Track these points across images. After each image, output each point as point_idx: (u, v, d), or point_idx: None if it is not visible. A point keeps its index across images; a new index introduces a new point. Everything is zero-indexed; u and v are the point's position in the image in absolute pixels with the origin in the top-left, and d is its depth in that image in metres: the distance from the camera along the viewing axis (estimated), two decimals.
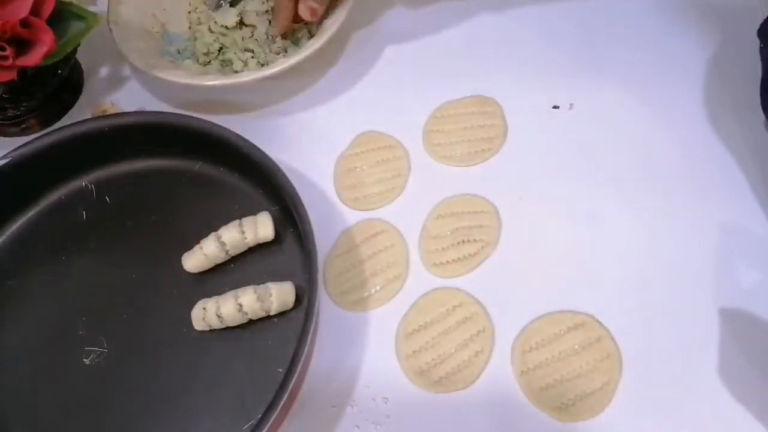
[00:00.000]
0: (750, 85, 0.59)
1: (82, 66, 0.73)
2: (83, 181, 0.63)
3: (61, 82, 0.68)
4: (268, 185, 0.58)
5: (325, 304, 0.56)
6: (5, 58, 0.56)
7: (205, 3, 0.73)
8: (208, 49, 0.69)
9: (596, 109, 0.63)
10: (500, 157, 0.62)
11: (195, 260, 0.57)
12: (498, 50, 0.68)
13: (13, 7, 0.57)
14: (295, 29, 0.68)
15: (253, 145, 0.58)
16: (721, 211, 0.57)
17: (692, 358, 0.51)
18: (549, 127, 0.63)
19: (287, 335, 0.52)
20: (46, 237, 0.61)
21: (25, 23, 0.57)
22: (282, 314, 0.55)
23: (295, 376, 0.47)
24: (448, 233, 0.58)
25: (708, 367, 0.50)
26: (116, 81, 0.72)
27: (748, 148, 0.59)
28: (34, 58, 0.58)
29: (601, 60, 0.66)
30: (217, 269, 0.58)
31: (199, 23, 0.71)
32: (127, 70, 0.72)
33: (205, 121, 0.60)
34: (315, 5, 0.63)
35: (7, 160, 0.59)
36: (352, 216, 0.61)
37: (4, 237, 0.62)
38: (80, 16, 0.62)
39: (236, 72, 0.67)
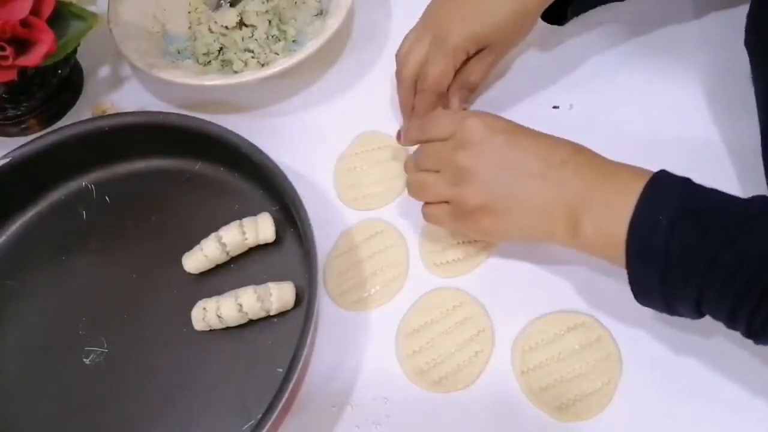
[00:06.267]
0: (751, 81, 0.59)
1: (82, 66, 0.73)
2: (83, 181, 0.63)
3: (61, 82, 0.68)
4: (268, 185, 0.58)
5: (325, 304, 0.56)
6: (5, 58, 0.56)
7: (205, 3, 0.73)
8: (208, 49, 0.69)
9: (596, 109, 0.63)
10: None
11: (195, 260, 0.57)
12: None
13: (13, 7, 0.56)
14: None
15: (253, 145, 0.58)
16: None
17: (692, 358, 0.51)
18: (549, 127, 0.63)
19: (287, 335, 0.52)
20: (46, 237, 0.61)
21: (25, 23, 0.57)
22: (282, 314, 0.55)
23: (295, 376, 0.47)
24: (448, 233, 0.58)
25: (707, 367, 0.50)
26: (116, 81, 0.72)
27: (752, 146, 0.59)
28: (34, 58, 0.58)
29: (601, 60, 0.66)
30: (217, 269, 0.58)
31: (199, 23, 0.71)
32: (127, 70, 0.72)
33: (205, 121, 0.60)
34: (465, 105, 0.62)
35: (7, 160, 0.59)
36: (352, 216, 0.61)
37: (4, 237, 0.62)
38: (80, 16, 0.62)
39: (236, 72, 0.67)
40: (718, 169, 0.58)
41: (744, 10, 0.57)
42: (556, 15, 0.60)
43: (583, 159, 0.49)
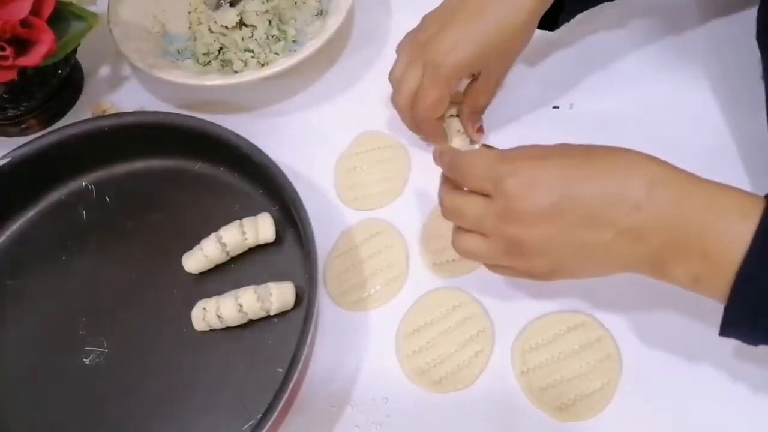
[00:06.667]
0: (756, 83, 0.59)
1: (82, 66, 0.73)
2: (83, 181, 0.63)
3: (61, 82, 0.68)
4: (268, 185, 0.58)
5: (325, 304, 0.56)
6: (5, 58, 0.56)
7: (205, 3, 0.73)
8: (208, 49, 0.69)
9: (596, 109, 0.63)
10: None
11: (195, 260, 0.57)
12: None
13: (13, 7, 0.57)
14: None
15: (253, 145, 0.58)
16: None
17: (692, 359, 0.51)
18: (549, 127, 0.63)
19: (287, 335, 0.52)
20: (46, 237, 0.61)
21: (25, 23, 0.57)
22: (282, 314, 0.55)
23: (295, 376, 0.47)
24: (448, 232, 0.58)
25: (707, 367, 0.50)
26: (116, 81, 0.72)
27: (758, 147, 0.58)
28: (34, 58, 0.58)
29: (601, 60, 0.66)
30: (217, 269, 0.58)
31: (199, 23, 0.71)
32: (127, 70, 0.72)
33: (205, 121, 0.60)
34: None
35: (7, 160, 0.59)
36: (352, 216, 0.61)
37: (4, 237, 0.62)
38: (80, 16, 0.62)
39: (236, 72, 0.67)
40: (724, 169, 0.58)
41: (747, 8, 0.57)
42: (547, 21, 0.59)
43: (661, 196, 0.41)
